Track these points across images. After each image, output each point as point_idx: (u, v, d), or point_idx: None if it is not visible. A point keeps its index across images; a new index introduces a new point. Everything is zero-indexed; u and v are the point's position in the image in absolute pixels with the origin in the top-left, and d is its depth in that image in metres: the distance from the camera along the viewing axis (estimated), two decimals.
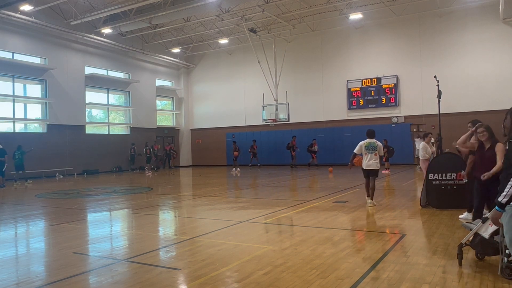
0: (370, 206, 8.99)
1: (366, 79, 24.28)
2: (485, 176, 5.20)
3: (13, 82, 20.90)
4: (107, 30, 23.40)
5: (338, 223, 7.37)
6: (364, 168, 9.20)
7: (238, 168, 22.58)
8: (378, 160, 9.14)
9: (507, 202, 3.18)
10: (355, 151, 9.43)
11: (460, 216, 7.27)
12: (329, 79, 25.46)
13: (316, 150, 23.81)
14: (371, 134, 9.39)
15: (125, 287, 4.22)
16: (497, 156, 5.24)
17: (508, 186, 3.17)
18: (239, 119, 28.71)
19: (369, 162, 9.11)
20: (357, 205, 9.24)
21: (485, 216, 4.41)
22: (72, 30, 22.29)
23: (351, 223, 7.40)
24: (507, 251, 4.09)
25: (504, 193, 3.19)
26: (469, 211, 7.10)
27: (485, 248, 4.43)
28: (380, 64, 23.82)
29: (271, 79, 24.47)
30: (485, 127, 5.48)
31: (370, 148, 9.15)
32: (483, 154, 5.56)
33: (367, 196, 9.29)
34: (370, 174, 9.20)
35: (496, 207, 3.25)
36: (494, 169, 5.13)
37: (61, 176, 21.44)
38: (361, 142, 9.34)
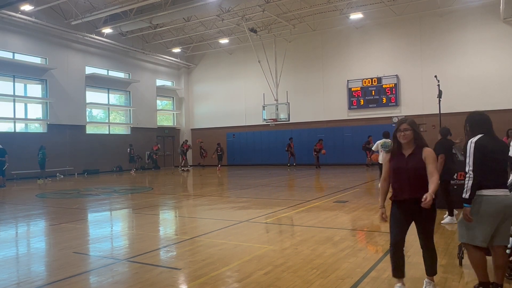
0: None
1: (367, 79, 24.27)
2: (427, 199, 3.33)
3: (14, 82, 20.91)
4: (107, 30, 23.41)
5: (339, 223, 7.37)
6: (381, 162, 10.97)
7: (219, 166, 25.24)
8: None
9: (471, 196, 3.46)
10: (373, 148, 11.75)
11: (442, 222, 6.91)
12: (330, 79, 25.45)
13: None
14: (386, 135, 11.57)
15: (126, 287, 4.22)
16: (430, 167, 3.53)
17: (466, 181, 3.49)
18: (239, 119, 28.71)
19: (385, 157, 10.60)
20: (358, 205, 9.23)
21: None
22: (72, 30, 22.30)
23: (352, 223, 7.40)
24: (507, 251, 4.09)
25: (465, 189, 3.48)
26: (450, 215, 6.99)
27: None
28: (380, 64, 23.81)
29: (271, 79, 24.47)
30: (409, 123, 3.66)
31: (385, 146, 11.07)
32: (402, 163, 3.68)
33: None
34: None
35: (464, 204, 3.51)
36: (434, 188, 3.42)
37: (62, 176, 21.46)
38: (378, 142, 11.48)
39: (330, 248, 5.45)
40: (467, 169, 3.51)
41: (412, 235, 6.15)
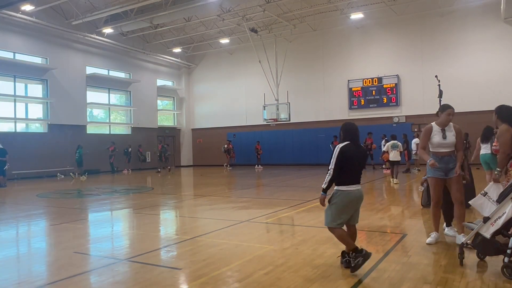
0: (395, 183, 13.46)
1: (367, 79, 24.26)
2: None
3: (15, 82, 20.93)
4: (108, 30, 23.43)
5: None
6: (391, 159, 14.02)
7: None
8: (399, 154, 13.96)
9: (327, 188, 4.49)
10: (383, 149, 14.87)
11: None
12: (330, 78, 25.44)
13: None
14: (394, 137, 14.56)
15: (126, 286, 4.22)
16: None
17: (326, 176, 4.46)
18: (240, 119, 28.71)
19: (394, 156, 13.92)
20: None
21: (486, 216, 4.41)
22: (73, 30, 22.32)
23: None
24: (508, 251, 4.09)
25: (324, 182, 4.47)
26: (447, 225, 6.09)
27: (486, 248, 4.42)
28: (381, 64, 23.80)
29: (272, 79, 24.46)
30: None
31: (394, 147, 14.04)
32: None
33: (392, 178, 13.96)
34: (395, 164, 14.03)
35: (322, 192, 4.51)
36: None
37: (62, 176, 21.47)
38: (388, 143, 14.41)
39: (331, 248, 5.45)
40: (329, 167, 4.48)
41: (413, 235, 6.16)
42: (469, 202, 4.98)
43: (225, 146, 26.32)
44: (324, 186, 4.48)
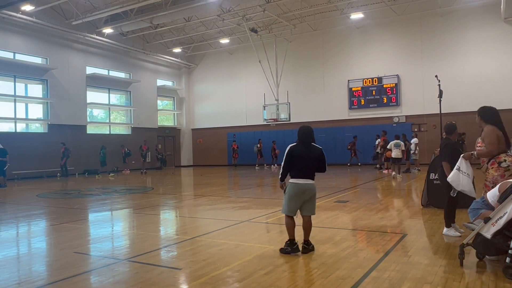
0: (399, 178, 15.02)
1: (367, 79, 24.26)
2: None
3: (15, 82, 20.93)
4: (108, 30, 23.43)
5: (339, 223, 7.37)
6: (393, 157, 15.69)
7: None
8: (401, 153, 15.52)
9: (281, 178, 5.29)
10: (387, 147, 16.34)
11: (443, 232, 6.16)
12: (330, 78, 25.45)
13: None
14: (397, 137, 16.14)
15: (126, 286, 4.22)
16: None
17: (281, 170, 5.28)
18: (240, 119, 28.71)
19: (396, 154, 15.52)
20: (358, 205, 9.23)
21: (487, 217, 4.40)
22: (73, 30, 22.32)
23: (352, 223, 7.39)
24: (509, 251, 4.09)
25: (279, 174, 5.34)
26: (447, 226, 6.05)
27: (486, 248, 4.42)
28: (381, 64, 23.80)
29: (272, 79, 24.47)
30: None
31: (397, 146, 15.59)
32: None
33: (396, 173, 15.47)
34: (397, 161, 15.65)
35: (279, 181, 5.34)
36: None
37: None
38: (391, 142, 16.04)
39: (331, 248, 5.45)
40: (282, 163, 5.30)
41: (413, 235, 6.16)
42: (447, 178, 5.43)
43: (258, 145, 26.20)
44: (279, 178, 5.37)
